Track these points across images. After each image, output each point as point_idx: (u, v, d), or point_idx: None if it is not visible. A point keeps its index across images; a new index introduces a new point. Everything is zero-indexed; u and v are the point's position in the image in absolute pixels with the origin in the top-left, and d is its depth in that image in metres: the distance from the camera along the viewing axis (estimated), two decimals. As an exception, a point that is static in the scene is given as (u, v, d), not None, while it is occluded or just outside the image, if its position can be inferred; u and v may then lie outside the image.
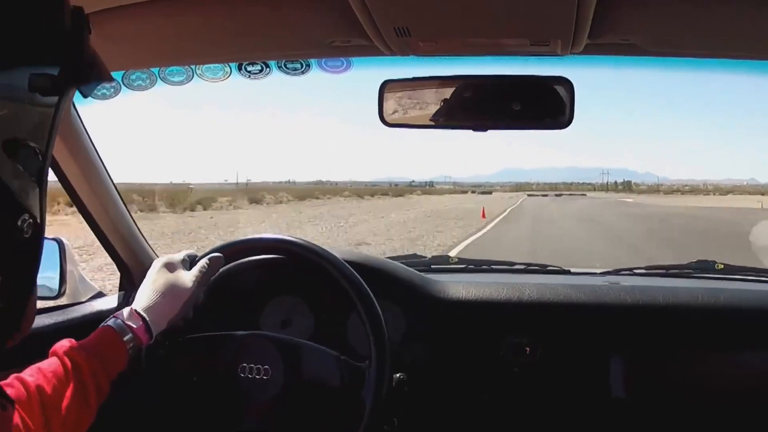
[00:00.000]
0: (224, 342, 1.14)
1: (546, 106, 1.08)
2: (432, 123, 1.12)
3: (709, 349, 1.44)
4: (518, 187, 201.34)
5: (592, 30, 0.92)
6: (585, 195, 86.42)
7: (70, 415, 0.85)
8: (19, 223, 0.49)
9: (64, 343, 0.93)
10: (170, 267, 1.09)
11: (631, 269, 1.77)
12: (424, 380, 1.34)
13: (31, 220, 0.50)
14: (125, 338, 0.98)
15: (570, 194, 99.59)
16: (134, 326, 0.99)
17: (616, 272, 1.75)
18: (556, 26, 0.92)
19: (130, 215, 1.63)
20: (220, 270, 1.40)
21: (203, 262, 1.11)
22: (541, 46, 0.98)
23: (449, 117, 1.11)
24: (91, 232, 1.58)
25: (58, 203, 13.81)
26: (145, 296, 1.05)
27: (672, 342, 1.43)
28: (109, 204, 1.54)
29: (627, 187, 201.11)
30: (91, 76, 0.54)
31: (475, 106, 1.10)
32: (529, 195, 77.20)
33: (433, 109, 1.11)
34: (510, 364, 1.44)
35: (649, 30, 0.96)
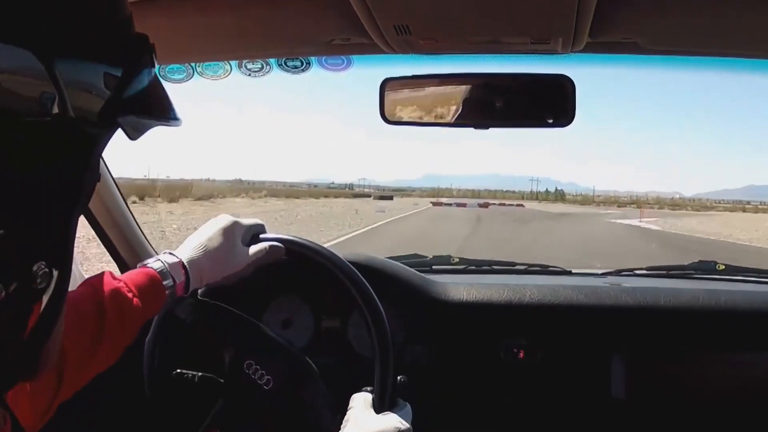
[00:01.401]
0: (245, 327, 1.12)
1: (547, 105, 1.08)
2: (433, 121, 1.12)
3: (709, 350, 1.43)
4: (437, 193, 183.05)
5: (592, 28, 0.92)
6: (523, 206, 65.27)
7: (91, 351, 0.82)
8: (35, 269, 0.42)
9: (112, 282, 0.88)
10: (232, 232, 1.04)
11: (632, 270, 1.77)
12: (424, 381, 1.34)
13: (46, 270, 0.43)
14: (167, 286, 0.94)
15: (501, 204, 70.17)
16: (177, 280, 0.95)
17: (617, 273, 1.75)
18: (557, 24, 0.92)
19: (129, 210, 1.63)
20: None
21: (265, 245, 1.06)
22: (541, 45, 0.98)
23: (450, 115, 1.11)
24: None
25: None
26: (194, 250, 1.00)
27: (673, 343, 1.43)
28: (108, 198, 1.55)
29: (560, 196, 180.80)
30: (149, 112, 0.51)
31: (476, 105, 1.10)
32: (434, 204, 57.61)
33: (434, 107, 1.11)
34: (510, 365, 1.43)
35: (650, 29, 0.96)
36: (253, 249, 1.06)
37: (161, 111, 0.51)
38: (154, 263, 0.95)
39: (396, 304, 1.37)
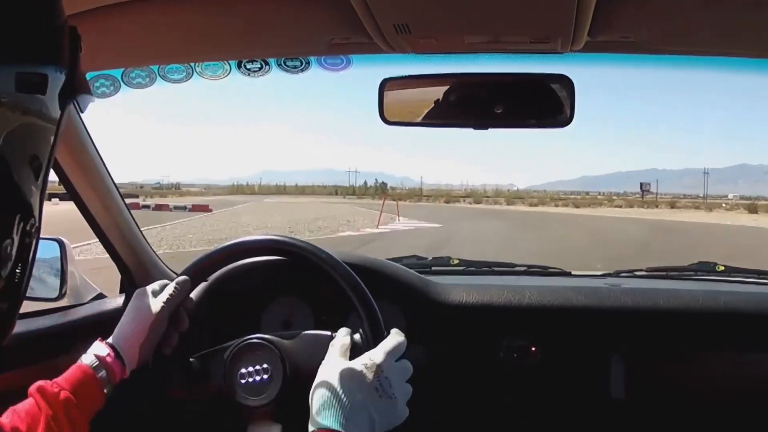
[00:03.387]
0: (215, 356, 1.12)
1: (546, 105, 1.08)
2: (432, 121, 1.12)
3: (709, 351, 1.43)
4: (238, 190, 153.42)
5: (591, 27, 0.92)
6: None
7: None
8: (28, 227, 0.49)
9: (41, 383, 0.94)
10: (141, 295, 1.09)
11: (631, 271, 1.77)
12: (424, 382, 1.33)
13: (37, 225, 0.51)
14: (99, 374, 0.98)
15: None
16: (102, 354, 0.99)
17: (617, 274, 1.75)
18: (556, 24, 0.92)
19: (132, 216, 1.63)
20: (220, 273, 1.41)
21: (171, 286, 1.10)
22: (541, 44, 0.98)
23: (449, 115, 1.11)
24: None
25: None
26: (119, 331, 1.05)
27: (672, 344, 1.43)
28: (111, 204, 1.55)
29: (383, 189, 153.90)
30: (86, 88, 0.56)
31: (475, 105, 1.10)
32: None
33: (433, 106, 1.11)
34: (510, 366, 1.43)
35: (649, 28, 0.96)
36: (162, 294, 1.09)
37: (89, 88, 0.57)
38: (86, 358, 1.00)
39: (396, 306, 1.37)
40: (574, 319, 1.46)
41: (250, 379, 1.06)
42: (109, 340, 1.03)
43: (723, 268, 1.72)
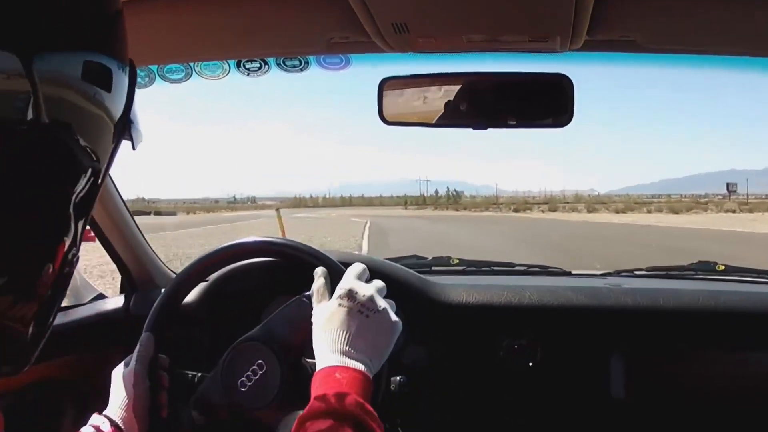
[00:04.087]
0: (214, 384, 1.09)
1: (546, 104, 1.08)
2: (431, 121, 1.12)
3: (709, 351, 1.43)
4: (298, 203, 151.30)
5: (590, 26, 0.92)
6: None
7: None
8: (70, 256, 0.47)
9: None
10: (118, 368, 1.09)
11: (631, 270, 1.77)
12: (424, 382, 1.34)
13: (77, 255, 0.48)
14: None
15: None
16: (99, 424, 0.98)
17: (617, 273, 1.75)
18: (554, 23, 0.92)
19: (132, 216, 1.63)
20: (221, 273, 1.41)
21: (138, 346, 1.10)
22: (540, 43, 0.98)
23: (448, 115, 1.11)
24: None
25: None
26: (115, 407, 1.04)
27: (672, 343, 1.43)
28: (110, 205, 1.55)
29: (455, 198, 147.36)
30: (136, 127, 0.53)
31: (474, 104, 1.10)
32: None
33: (433, 107, 1.11)
34: (510, 366, 1.43)
35: (648, 27, 0.96)
36: (131, 360, 1.08)
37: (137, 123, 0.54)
38: (85, 430, 0.98)
39: (395, 306, 1.37)
40: (574, 319, 1.45)
41: (249, 383, 1.05)
42: (105, 412, 1.03)
43: (723, 267, 1.72)
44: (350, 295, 0.90)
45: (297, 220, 34.78)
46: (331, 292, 0.94)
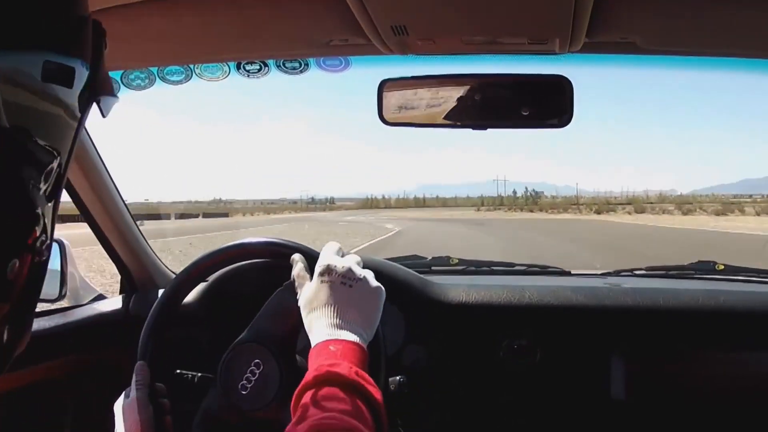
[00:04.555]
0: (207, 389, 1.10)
1: (545, 105, 1.08)
2: (431, 122, 1.12)
3: (709, 351, 1.43)
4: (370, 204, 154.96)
5: (590, 28, 0.92)
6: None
7: None
8: (38, 244, 0.44)
9: None
10: (119, 400, 1.09)
11: (631, 270, 1.77)
12: (424, 382, 1.34)
13: (48, 242, 0.46)
14: None
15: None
16: None
17: (617, 273, 1.75)
18: (554, 25, 0.92)
19: (131, 216, 1.63)
20: (220, 273, 1.41)
21: (133, 379, 1.09)
22: (539, 45, 0.98)
23: (448, 116, 1.11)
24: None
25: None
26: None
27: (672, 343, 1.43)
28: (110, 203, 1.55)
29: (533, 199, 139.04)
30: (109, 89, 0.51)
31: (474, 106, 1.10)
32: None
33: (432, 108, 1.11)
34: (510, 366, 1.43)
35: (647, 29, 0.96)
36: (131, 389, 1.08)
37: (113, 89, 0.53)
38: None
39: (394, 305, 1.37)
40: (574, 319, 1.45)
41: (250, 385, 1.05)
42: None
43: (723, 267, 1.72)
44: (329, 269, 0.91)
45: (320, 225, 31.80)
46: (312, 274, 0.95)
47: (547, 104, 1.08)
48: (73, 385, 1.48)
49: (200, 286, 1.44)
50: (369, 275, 0.93)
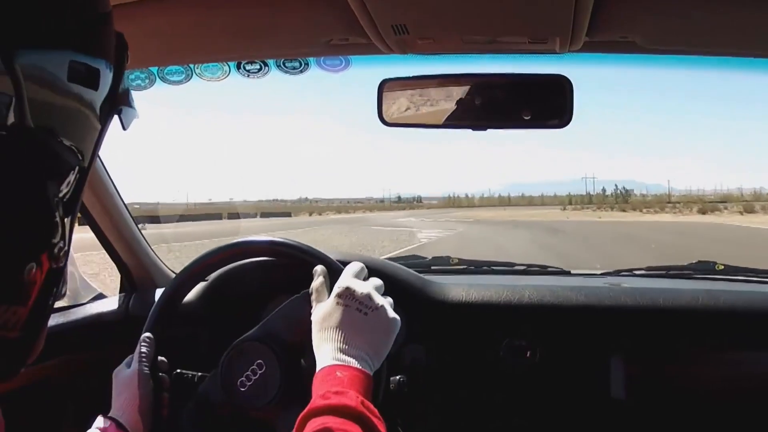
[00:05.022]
0: (213, 385, 1.09)
1: (545, 105, 1.08)
2: (431, 122, 1.12)
3: (709, 351, 1.43)
4: (451, 203, 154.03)
5: (590, 28, 0.92)
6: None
7: None
8: (56, 250, 0.44)
9: None
10: (117, 370, 1.09)
11: (631, 270, 1.77)
12: (424, 382, 1.34)
13: (66, 249, 0.45)
14: None
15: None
16: (105, 426, 0.98)
17: (617, 273, 1.75)
18: (554, 24, 0.92)
19: (131, 215, 1.63)
20: (220, 273, 1.41)
21: (138, 346, 1.10)
22: (539, 44, 0.98)
23: (448, 116, 1.11)
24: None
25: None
26: (116, 410, 1.04)
27: (672, 343, 1.43)
28: (109, 202, 1.55)
29: (624, 197, 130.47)
30: (127, 101, 0.51)
31: (474, 105, 1.10)
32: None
33: (432, 108, 1.11)
34: (510, 366, 1.43)
35: (648, 27, 0.96)
36: (133, 360, 1.09)
37: (133, 103, 0.53)
38: None
39: (395, 305, 1.37)
40: (573, 319, 1.45)
41: (249, 383, 1.05)
42: (109, 414, 1.02)
43: (723, 267, 1.72)
44: (348, 293, 0.90)
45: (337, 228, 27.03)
46: (330, 290, 0.94)
47: (547, 104, 1.08)
48: (73, 384, 1.48)
49: (200, 286, 1.44)
50: (387, 304, 0.91)
